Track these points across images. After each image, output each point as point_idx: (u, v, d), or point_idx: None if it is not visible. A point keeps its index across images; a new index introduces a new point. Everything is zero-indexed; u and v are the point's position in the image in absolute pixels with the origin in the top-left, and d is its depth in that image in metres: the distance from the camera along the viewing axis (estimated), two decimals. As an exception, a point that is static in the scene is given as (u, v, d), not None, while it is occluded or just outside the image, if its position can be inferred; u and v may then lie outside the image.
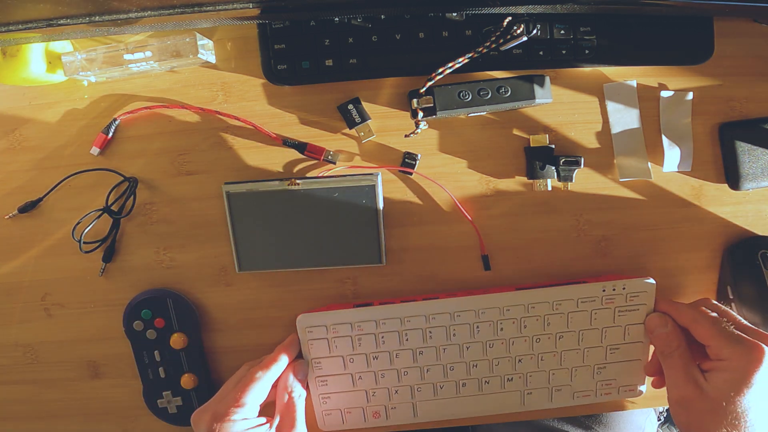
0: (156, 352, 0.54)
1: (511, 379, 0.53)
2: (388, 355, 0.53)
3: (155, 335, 0.53)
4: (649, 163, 0.53)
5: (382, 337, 0.52)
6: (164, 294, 0.54)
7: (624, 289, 0.52)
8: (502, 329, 0.52)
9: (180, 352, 0.54)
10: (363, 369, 0.53)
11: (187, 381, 0.54)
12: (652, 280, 0.52)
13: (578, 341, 0.53)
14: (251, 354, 0.56)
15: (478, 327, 0.52)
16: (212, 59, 0.52)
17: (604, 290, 0.52)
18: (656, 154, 0.54)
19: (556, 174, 0.53)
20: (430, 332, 0.52)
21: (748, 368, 0.43)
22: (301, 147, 0.53)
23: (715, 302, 0.50)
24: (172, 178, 0.54)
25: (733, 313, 0.49)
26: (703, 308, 0.49)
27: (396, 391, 0.54)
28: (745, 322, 0.48)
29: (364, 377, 0.53)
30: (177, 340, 0.53)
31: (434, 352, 0.53)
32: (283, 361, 0.50)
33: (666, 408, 1.15)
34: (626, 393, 0.54)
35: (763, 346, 0.43)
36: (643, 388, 0.54)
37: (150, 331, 0.53)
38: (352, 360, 0.53)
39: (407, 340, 0.52)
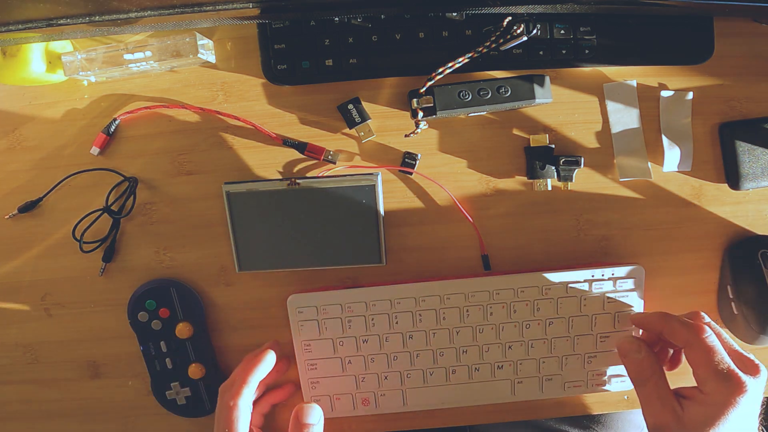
0: (162, 343, 0.54)
1: (501, 366, 0.54)
2: (378, 338, 0.53)
3: (160, 325, 0.53)
4: (649, 163, 0.53)
5: (372, 320, 0.53)
6: (167, 283, 0.53)
7: (613, 274, 0.52)
8: (491, 314, 0.53)
9: (186, 342, 0.54)
10: (352, 353, 0.53)
11: (194, 371, 0.54)
12: (641, 267, 0.52)
13: (568, 328, 0.53)
14: (251, 354, 0.56)
15: (467, 311, 0.52)
16: (212, 59, 0.52)
17: (592, 276, 0.52)
18: (656, 154, 0.54)
19: (556, 174, 0.53)
20: (420, 315, 0.53)
21: (725, 406, 0.43)
22: (301, 147, 0.53)
23: (709, 321, 0.48)
24: (172, 178, 0.54)
25: (726, 337, 0.46)
26: (701, 333, 0.45)
27: (386, 377, 0.54)
28: (737, 347, 0.46)
29: (353, 361, 0.53)
30: (182, 330, 0.53)
31: (424, 336, 0.53)
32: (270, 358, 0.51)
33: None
34: (618, 384, 0.54)
35: (745, 381, 0.43)
36: None
37: (155, 322, 0.53)
38: (341, 343, 0.53)
39: (397, 323, 0.53)
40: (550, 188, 0.53)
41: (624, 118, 0.53)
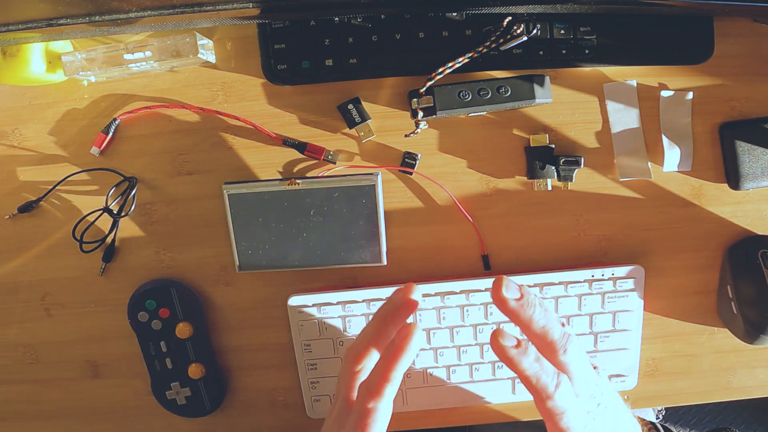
0: (162, 343, 0.54)
1: (501, 366, 0.54)
2: None
3: (160, 325, 0.53)
4: (649, 163, 0.53)
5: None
6: (168, 283, 0.54)
7: (613, 274, 0.52)
8: (491, 314, 0.53)
9: (186, 342, 0.54)
10: None
11: (194, 371, 0.54)
12: (641, 267, 0.52)
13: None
14: (251, 354, 0.56)
15: (467, 311, 0.52)
16: (212, 59, 0.52)
17: (592, 276, 0.52)
18: (656, 153, 0.54)
19: (556, 174, 0.53)
20: (420, 315, 0.53)
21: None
22: (301, 147, 0.53)
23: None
24: (172, 178, 0.54)
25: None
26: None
27: None
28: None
29: None
30: (183, 330, 0.53)
31: (424, 336, 0.53)
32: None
33: (664, 407, 1.15)
34: (617, 384, 0.54)
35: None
36: (634, 379, 0.55)
37: (155, 322, 0.53)
38: (341, 343, 0.53)
39: None
40: (550, 188, 0.53)
41: (624, 118, 0.53)
